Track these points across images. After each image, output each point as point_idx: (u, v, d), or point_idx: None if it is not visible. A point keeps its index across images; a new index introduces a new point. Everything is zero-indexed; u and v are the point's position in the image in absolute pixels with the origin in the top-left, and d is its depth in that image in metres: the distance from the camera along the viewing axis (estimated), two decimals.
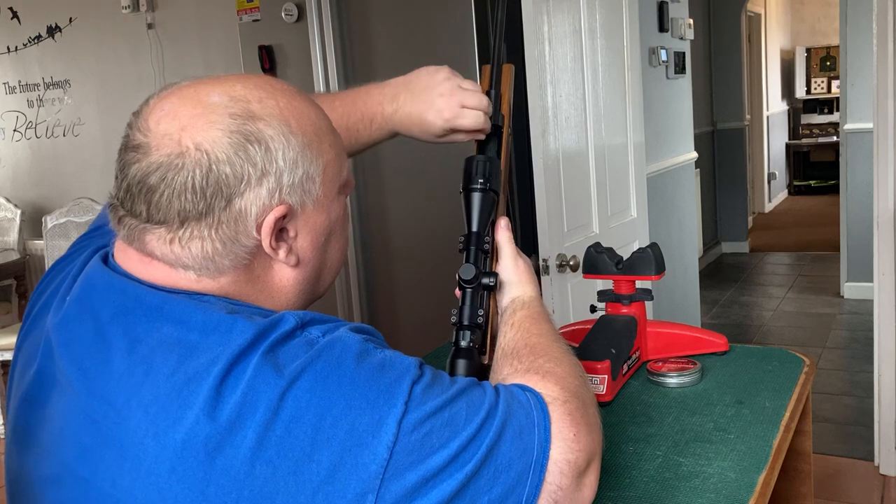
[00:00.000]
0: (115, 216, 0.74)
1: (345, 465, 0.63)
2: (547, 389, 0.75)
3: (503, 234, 0.95)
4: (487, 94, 1.02)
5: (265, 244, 0.73)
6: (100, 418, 0.68)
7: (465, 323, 0.89)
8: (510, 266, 0.94)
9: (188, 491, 0.63)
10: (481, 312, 0.90)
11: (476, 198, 0.93)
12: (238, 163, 0.70)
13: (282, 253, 0.75)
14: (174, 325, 0.68)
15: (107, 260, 0.77)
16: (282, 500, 0.62)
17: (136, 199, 0.71)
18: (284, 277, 0.77)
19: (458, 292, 0.92)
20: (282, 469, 0.63)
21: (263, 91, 0.74)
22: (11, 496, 0.78)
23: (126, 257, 0.75)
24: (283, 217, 0.73)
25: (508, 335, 0.87)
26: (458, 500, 0.65)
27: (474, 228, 0.92)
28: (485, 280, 0.90)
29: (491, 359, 0.90)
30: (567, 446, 0.71)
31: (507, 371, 0.82)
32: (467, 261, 0.91)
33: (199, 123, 0.70)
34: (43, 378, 0.75)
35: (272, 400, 0.63)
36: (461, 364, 0.86)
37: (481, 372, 0.88)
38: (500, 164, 0.99)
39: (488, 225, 0.94)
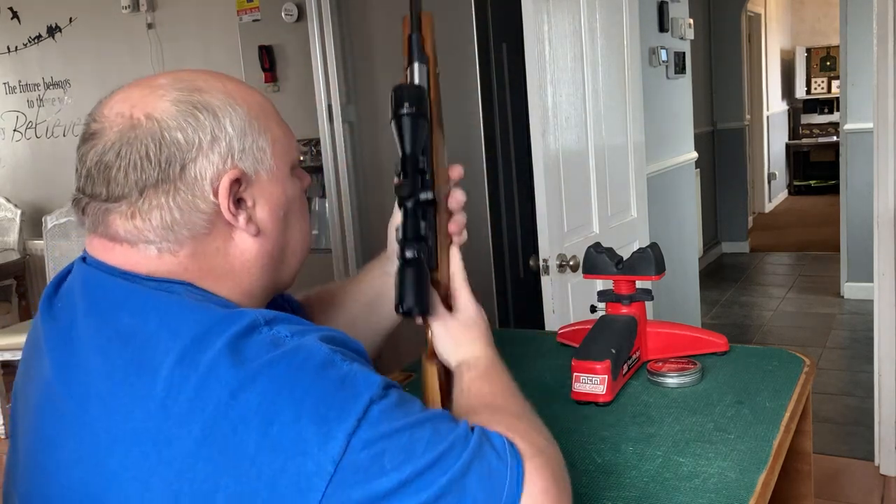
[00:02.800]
0: (79, 208, 0.75)
1: (287, 472, 0.62)
2: (517, 443, 0.71)
3: (428, 318, 0.88)
4: (410, 38, 0.94)
5: (223, 207, 0.74)
6: (63, 409, 0.69)
7: (409, 237, 0.85)
8: (440, 334, 0.88)
9: (134, 481, 0.63)
10: (424, 225, 0.86)
11: (407, 122, 0.87)
12: (188, 128, 0.72)
13: (241, 219, 0.75)
14: (132, 315, 0.69)
15: (85, 258, 0.78)
16: (220, 499, 0.62)
17: (95, 181, 0.72)
18: (246, 250, 0.77)
19: (397, 212, 0.89)
20: (223, 467, 0.62)
21: (209, 75, 0.78)
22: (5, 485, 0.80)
23: (93, 247, 0.76)
24: (238, 181, 0.74)
25: (460, 401, 0.82)
26: None
27: (407, 151, 0.87)
28: (422, 195, 0.86)
29: (441, 292, 0.88)
30: (539, 499, 0.68)
31: None
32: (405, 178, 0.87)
33: (148, 99, 0.73)
34: (28, 371, 0.77)
35: (222, 398, 0.63)
36: (409, 273, 0.82)
37: (429, 284, 0.85)
38: (430, 96, 0.94)
39: (422, 148, 0.90)
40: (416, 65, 0.93)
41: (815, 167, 9.24)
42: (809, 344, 4.12)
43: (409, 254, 0.84)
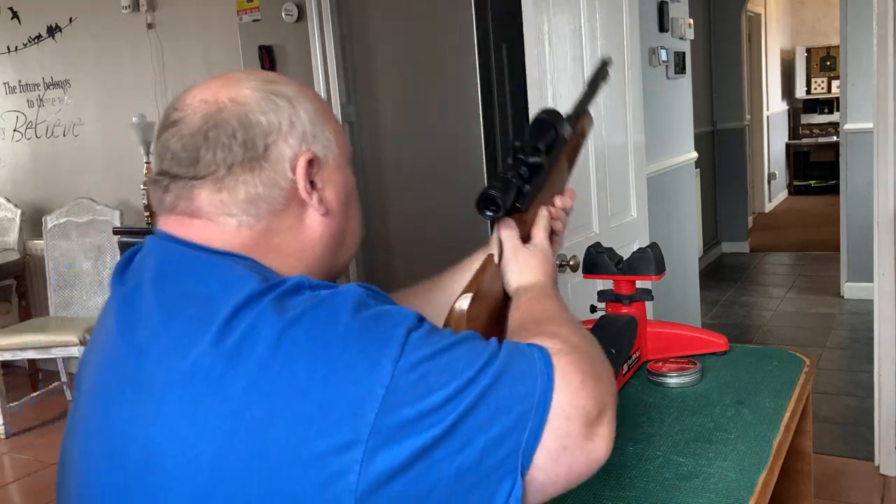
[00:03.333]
0: (160, 188, 0.80)
1: (339, 400, 0.66)
2: (550, 344, 0.76)
3: (504, 232, 1.00)
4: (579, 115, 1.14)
5: (300, 186, 0.80)
6: (124, 364, 0.74)
7: (513, 165, 1.00)
8: (509, 258, 0.99)
9: (192, 422, 0.67)
10: (528, 173, 1.00)
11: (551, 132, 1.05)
12: (270, 113, 0.79)
13: (314, 198, 0.82)
14: (197, 279, 0.75)
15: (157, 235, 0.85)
16: (277, 431, 0.65)
17: (182, 161, 0.79)
18: (315, 229, 0.83)
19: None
20: (277, 402, 0.66)
21: (277, 75, 0.86)
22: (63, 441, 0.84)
23: (168, 225, 0.81)
24: (312, 163, 0.81)
25: (514, 316, 0.90)
26: (455, 434, 0.67)
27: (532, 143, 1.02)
28: (532, 158, 1.01)
29: (523, 231, 1.00)
30: (572, 392, 0.72)
31: None
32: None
33: (230, 87, 0.81)
34: (95, 339, 0.83)
35: (270, 338, 0.67)
36: (505, 179, 0.97)
37: (514, 193, 0.97)
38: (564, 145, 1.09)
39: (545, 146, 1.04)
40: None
41: (815, 167, 9.24)
42: (809, 344, 4.12)
43: (509, 171, 0.98)
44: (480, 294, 0.93)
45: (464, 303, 0.91)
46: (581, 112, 1.15)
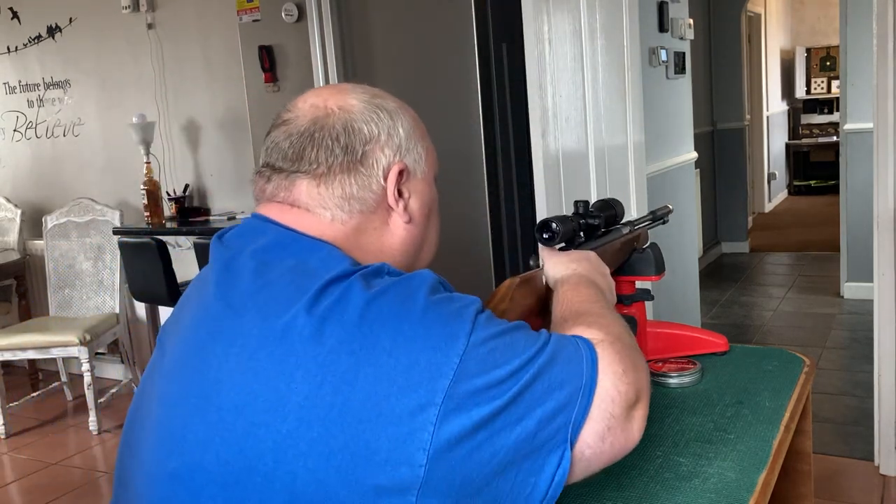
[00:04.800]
0: (263, 178, 0.90)
1: (420, 362, 0.73)
2: (591, 334, 0.85)
3: (545, 249, 1.13)
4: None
5: (389, 192, 0.89)
6: (219, 322, 0.80)
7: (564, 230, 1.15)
8: (548, 260, 1.10)
9: (280, 374, 0.74)
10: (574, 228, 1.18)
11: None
12: (371, 123, 0.88)
13: (400, 206, 0.91)
14: (298, 257, 0.83)
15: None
16: (361, 385, 0.72)
17: (287, 156, 0.87)
18: (397, 234, 0.91)
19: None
20: (364, 358, 0.73)
21: (382, 91, 0.95)
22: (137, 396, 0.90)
23: (267, 210, 0.89)
24: (402, 173, 0.90)
25: (555, 310, 0.98)
26: (515, 406, 0.74)
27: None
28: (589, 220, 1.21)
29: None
30: (616, 378, 0.80)
31: None
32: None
33: (339, 96, 0.90)
34: (187, 301, 0.90)
35: (359, 304, 0.75)
36: (563, 219, 1.14)
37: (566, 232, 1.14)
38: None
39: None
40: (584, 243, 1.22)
41: (815, 167, 9.24)
42: (809, 344, 4.12)
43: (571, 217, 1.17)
44: (526, 281, 1.05)
45: (513, 281, 1.02)
46: (640, 227, 1.36)
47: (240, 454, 0.73)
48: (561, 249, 1.15)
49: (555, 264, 1.08)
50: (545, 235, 1.13)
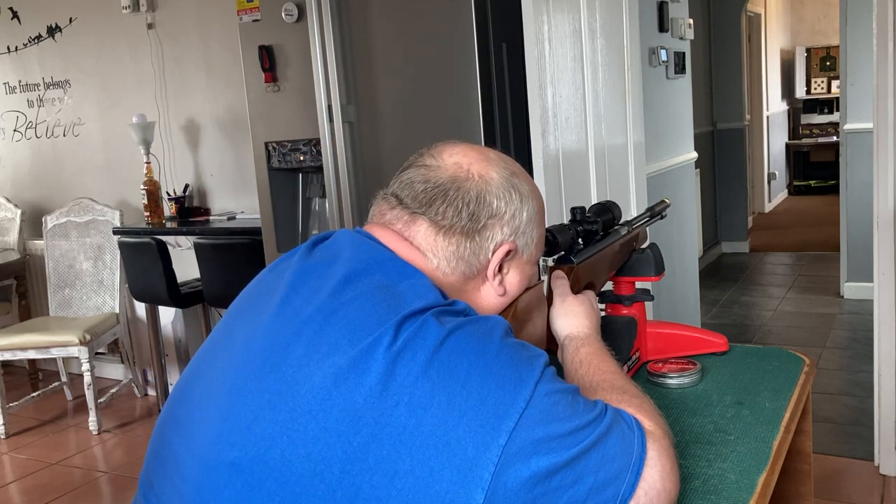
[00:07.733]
0: (388, 204, 0.95)
1: (490, 398, 0.76)
2: (641, 419, 0.86)
3: (555, 280, 1.15)
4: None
5: (491, 266, 0.94)
6: (308, 320, 0.82)
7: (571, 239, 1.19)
8: (558, 303, 1.12)
9: (359, 388, 0.76)
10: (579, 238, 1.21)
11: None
12: (502, 200, 0.94)
13: (496, 280, 0.96)
14: (388, 277, 0.86)
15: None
16: (433, 412, 0.74)
17: (418, 197, 0.93)
18: (489, 300, 0.97)
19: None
20: (439, 386, 0.76)
21: (520, 168, 1.01)
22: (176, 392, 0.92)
23: (380, 232, 0.94)
24: (510, 253, 0.95)
25: (580, 371, 1.00)
26: (572, 468, 0.76)
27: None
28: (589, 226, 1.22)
29: (574, 284, 1.15)
30: (665, 473, 0.82)
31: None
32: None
33: (482, 164, 0.96)
34: (267, 288, 0.92)
35: (438, 337, 0.78)
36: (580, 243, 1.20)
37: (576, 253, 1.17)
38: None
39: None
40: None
41: (815, 167, 9.23)
42: (809, 344, 4.12)
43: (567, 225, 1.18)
44: (530, 294, 1.06)
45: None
46: (638, 226, 1.36)
47: (306, 457, 0.75)
48: (560, 258, 1.17)
49: (566, 315, 1.11)
50: (545, 247, 1.13)
